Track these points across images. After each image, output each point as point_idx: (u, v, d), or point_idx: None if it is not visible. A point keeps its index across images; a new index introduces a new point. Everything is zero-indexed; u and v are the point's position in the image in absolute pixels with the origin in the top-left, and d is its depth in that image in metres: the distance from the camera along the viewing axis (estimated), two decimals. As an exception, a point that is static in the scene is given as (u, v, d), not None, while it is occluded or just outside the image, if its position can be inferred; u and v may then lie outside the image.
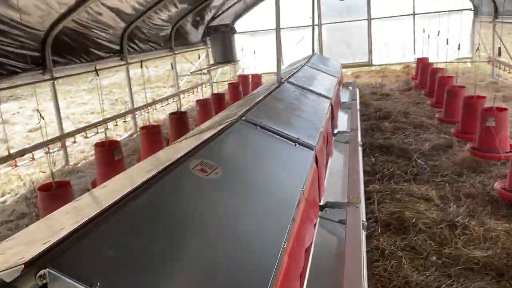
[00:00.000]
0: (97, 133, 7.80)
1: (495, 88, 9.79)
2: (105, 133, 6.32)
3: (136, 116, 9.32)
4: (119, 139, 8.91)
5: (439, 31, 10.75)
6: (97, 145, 5.60)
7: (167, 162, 1.94)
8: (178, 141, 2.99)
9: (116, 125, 8.77)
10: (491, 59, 11.19)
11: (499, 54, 7.06)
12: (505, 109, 5.52)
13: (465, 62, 12.87)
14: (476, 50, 10.45)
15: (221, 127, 2.69)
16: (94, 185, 5.40)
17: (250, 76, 12.35)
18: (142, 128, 6.60)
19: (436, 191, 4.88)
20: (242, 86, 11.21)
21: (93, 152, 6.63)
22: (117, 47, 8.24)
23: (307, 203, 2.38)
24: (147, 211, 1.49)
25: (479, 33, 12.37)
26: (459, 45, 8.16)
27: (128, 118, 9.17)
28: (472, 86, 7.28)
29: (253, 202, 1.97)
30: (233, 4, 12.36)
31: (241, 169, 2.20)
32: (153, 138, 6.31)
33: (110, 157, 5.26)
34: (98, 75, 5.70)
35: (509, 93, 9.47)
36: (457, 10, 12.50)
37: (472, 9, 12.66)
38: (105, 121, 7.92)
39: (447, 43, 9.08)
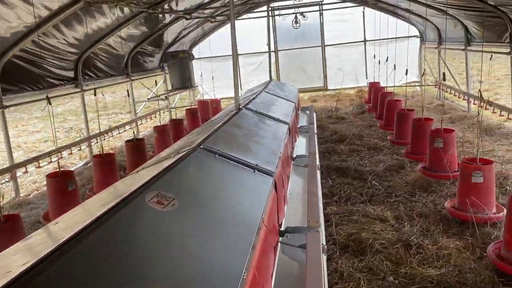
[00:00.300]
0: (50, 162, 7.52)
1: (442, 110, 10.34)
2: (58, 163, 6.10)
3: (92, 144, 9.08)
4: (73, 168, 8.63)
5: (387, 57, 11.31)
6: (49, 175, 5.38)
7: (122, 195, 1.91)
8: (135, 172, 2.95)
9: (71, 153, 8.50)
10: (437, 83, 11.84)
11: (444, 79, 7.50)
12: (452, 130, 5.82)
13: (414, 85, 13.56)
14: (422, 75, 11.04)
15: (178, 156, 2.68)
16: (46, 217, 5.16)
17: (209, 102, 12.39)
18: (95, 156, 6.39)
19: (391, 211, 5.05)
20: (200, 112, 11.21)
21: (45, 182, 6.37)
22: (72, 75, 8.07)
23: (267, 230, 2.40)
24: (101, 248, 1.46)
25: (426, 59, 13.12)
26: (406, 70, 8.59)
27: (84, 146, 8.92)
28: (421, 109, 7.66)
29: (211, 232, 1.97)
30: (191, 31, 12.47)
31: (199, 199, 2.20)
32: (106, 167, 6.12)
33: (63, 188, 5.05)
34: (50, 104, 5.53)
35: (456, 115, 10.05)
36: (404, 37, 13.22)
37: (419, 36, 13.45)
38: (58, 150, 7.66)
39: (394, 68, 9.56)
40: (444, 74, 7.19)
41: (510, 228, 3.60)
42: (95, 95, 6.81)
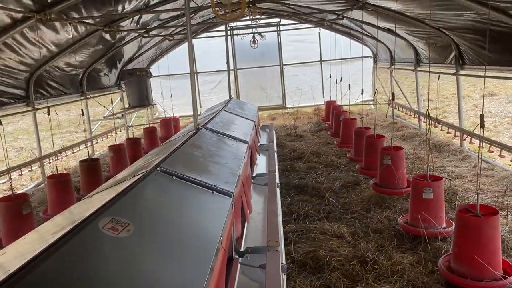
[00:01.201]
0: (-1, 184, 7.16)
1: (395, 128, 10.76)
2: (11, 185, 5.81)
3: (44, 164, 8.73)
4: (24, 190, 8.25)
5: (341, 77, 11.73)
6: (1, 199, 5.10)
7: (75, 222, 1.86)
8: (90, 195, 2.87)
9: (21, 174, 8.13)
10: (390, 101, 12.33)
11: (393, 98, 7.85)
12: (401, 148, 6.06)
13: (368, 104, 14.05)
14: (374, 94, 11.49)
15: (135, 179, 2.64)
16: (-1, 244, 4.89)
17: (168, 120, 12.26)
18: (49, 177, 6.14)
19: (347, 227, 5.16)
20: (159, 130, 11.08)
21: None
22: (23, 93, 7.77)
23: (225, 252, 2.40)
24: (51, 280, 1.41)
25: (379, 78, 13.69)
26: (362, 90, 8.91)
27: (36, 166, 8.55)
28: (376, 126, 7.95)
29: (168, 257, 1.95)
30: (149, 49, 12.37)
31: (155, 223, 2.17)
32: (61, 187, 5.90)
33: (18, 212, 4.82)
34: (1, 123, 5.29)
35: (407, 132, 10.48)
36: (358, 57, 13.75)
37: (372, 56, 14.02)
38: (8, 171, 7.30)
39: (349, 88, 9.91)
40: (393, 94, 7.53)
41: (458, 242, 3.78)
42: (48, 114, 6.58)
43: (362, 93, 8.84)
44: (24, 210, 4.89)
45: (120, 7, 7.32)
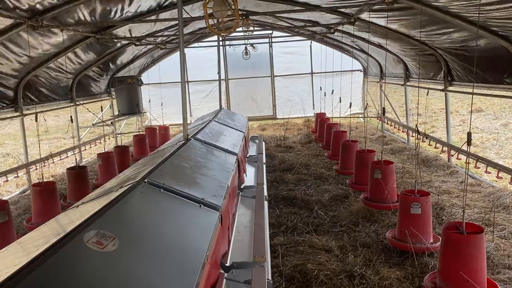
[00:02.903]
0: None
1: (384, 142, 10.84)
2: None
3: (31, 170, 8.61)
4: (8, 196, 8.11)
5: (332, 90, 11.83)
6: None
7: (59, 234, 1.83)
8: (74, 207, 2.83)
9: (7, 181, 8.00)
10: (379, 115, 12.45)
11: (383, 113, 7.91)
12: (391, 162, 6.11)
13: (358, 117, 14.16)
14: (365, 108, 11.58)
15: (121, 191, 2.61)
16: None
17: (157, 128, 12.22)
18: (34, 185, 6.03)
19: (335, 241, 5.15)
20: (148, 138, 11.02)
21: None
22: (11, 98, 7.68)
23: (211, 267, 2.37)
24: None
25: (368, 91, 13.82)
26: (350, 103, 8.98)
27: (22, 172, 8.43)
28: (364, 140, 8.02)
29: (153, 272, 1.92)
30: (140, 57, 12.35)
31: (141, 237, 2.14)
32: (46, 196, 5.79)
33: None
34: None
35: (396, 146, 10.56)
36: (349, 71, 13.88)
37: (362, 70, 14.17)
38: (-7, 177, 7.19)
39: (340, 101, 9.98)
40: (384, 108, 7.60)
41: (443, 259, 3.79)
42: (36, 120, 6.51)
43: (350, 106, 8.90)
44: (0, 218, 4.76)
45: (112, 15, 7.31)
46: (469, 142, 3.82)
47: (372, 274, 4.30)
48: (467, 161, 4.06)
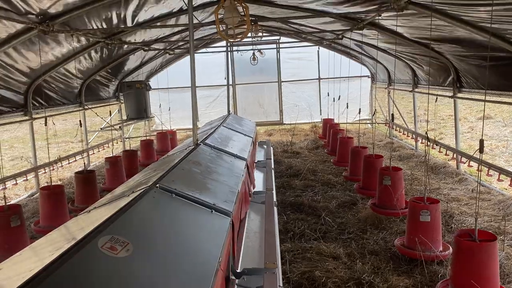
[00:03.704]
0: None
1: (392, 148, 10.80)
2: (4, 195, 5.74)
3: (39, 174, 8.66)
4: (17, 200, 8.17)
5: (339, 96, 11.81)
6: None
7: (73, 239, 1.83)
8: (86, 211, 2.84)
9: (16, 184, 8.05)
10: (387, 121, 12.40)
11: (392, 119, 7.87)
12: (399, 169, 6.07)
13: (366, 123, 14.12)
14: (373, 115, 11.54)
15: (133, 195, 2.62)
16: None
17: (165, 132, 12.25)
18: (42, 188, 6.06)
19: (343, 248, 5.13)
20: (158, 143, 11.06)
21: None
22: (21, 102, 7.75)
23: (224, 273, 2.37)
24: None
25: (376, 97, 13.78)
26: (359, 109, 8.96)
27: (30, 176, 8.48)
28: (372, 146, 7.98)
29: (167, 278, 1.92)
30: (149, 62, 12.42)
31: (154, 242, 2.14)
32: (54, 200, 5.80)
33: (5, 224, 4.70)
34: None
35: (404, 153, 10.51)
36: (357, 77, 13.87)
37: (370, 76, 14.15)
38: (3, 180, 7.23)
39: (347, 107, 9.96)
40: (392, 115, 7.56)
41: (456, 267, 3.75)
42: (45, 124, 6.55)
43: (359, 112, 8.88)
44: (12, 223, 4.76)
45: (122, 22, 7.37)
46: (481, 150, 3.79)
47: (380, 282, 4.27)
48: (479, 168, 4.03)
